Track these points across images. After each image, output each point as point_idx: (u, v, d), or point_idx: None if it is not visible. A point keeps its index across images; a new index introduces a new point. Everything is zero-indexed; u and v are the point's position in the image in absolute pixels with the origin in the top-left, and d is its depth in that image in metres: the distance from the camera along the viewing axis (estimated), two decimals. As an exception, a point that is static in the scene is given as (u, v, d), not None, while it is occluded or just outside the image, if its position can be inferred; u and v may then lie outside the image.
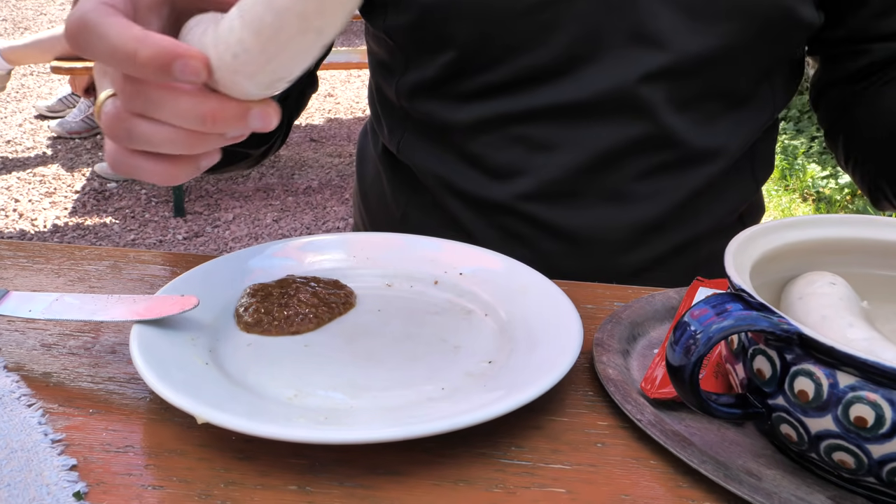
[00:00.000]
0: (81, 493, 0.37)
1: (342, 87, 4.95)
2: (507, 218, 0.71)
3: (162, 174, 0.40)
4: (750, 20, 0.64)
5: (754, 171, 0.76)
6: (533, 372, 0.43)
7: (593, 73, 0.64)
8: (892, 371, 0.34)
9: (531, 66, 0.65)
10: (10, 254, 0.62)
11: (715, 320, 0.38)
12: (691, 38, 0.63)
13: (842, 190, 3.34)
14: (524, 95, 0.66)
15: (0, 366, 0.47)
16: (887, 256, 0.49)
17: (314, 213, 3.04)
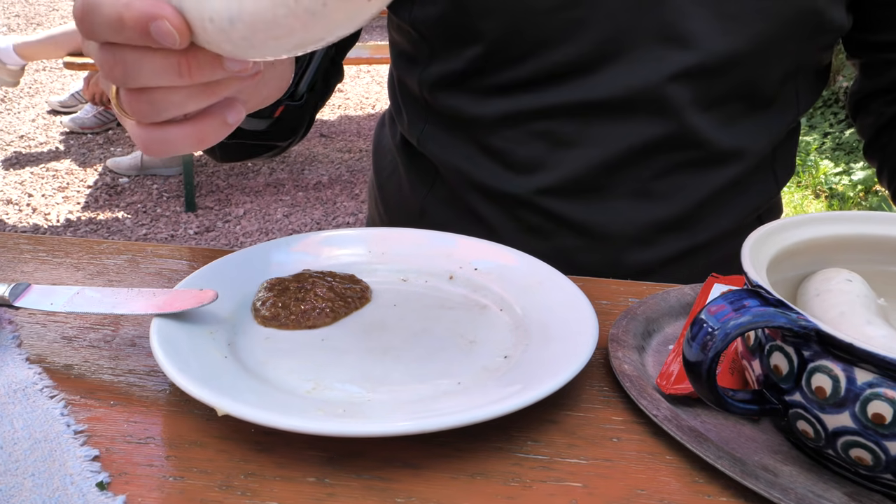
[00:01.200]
0: (104, 483, 0.38)
1: (352, 82, 4.95)
2: (526, 212, 0.71)
3: (192, 138, 0.40)
4: (781, 22, 0.63)
5: (776, 173, 0.76)
6: (549, 367, 0.44)
7: (620, 71, 0.64)
8: (911, 368, 0.35)
9: (558, 62, 0.65)
10: (30, 248, 0.63)
11: (732, 316, 0.38)
12: (721, 39, 0.63)
13: (855, 186, 3.32)
14: (550, 91, 0.66)
15: (22, 358, 0.48)
16: (905, 254, 0.49)
17: (324, 208, 3.05)
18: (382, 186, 0.85)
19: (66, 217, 2.92)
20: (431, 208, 0.77)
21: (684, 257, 0.71)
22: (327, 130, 4.02)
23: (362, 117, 4.26)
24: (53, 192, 3.13)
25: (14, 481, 0.38)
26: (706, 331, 0.38)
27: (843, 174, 3.44)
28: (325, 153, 3.67)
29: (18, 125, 3.85)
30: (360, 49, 3.68)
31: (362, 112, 4.36)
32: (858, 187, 3.31)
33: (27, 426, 0.42)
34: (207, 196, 3.12)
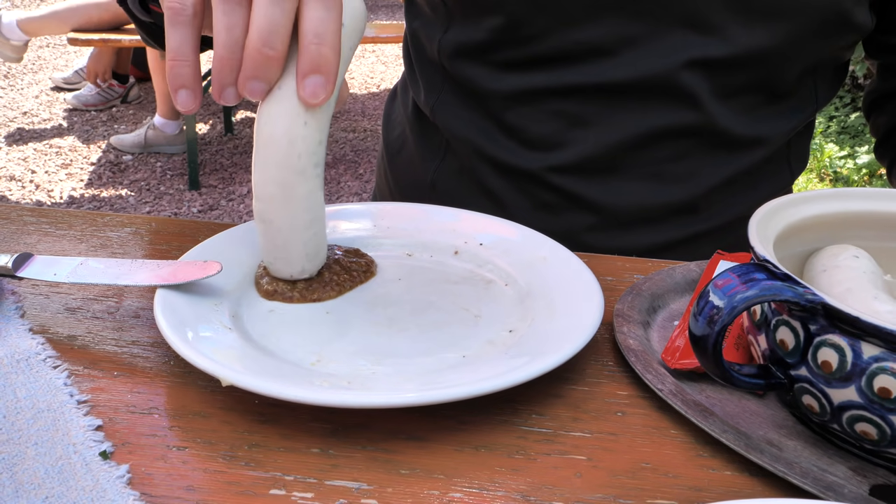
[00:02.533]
0: (107, 453, 0.38)
1: (356, 61, 4.93)
2: (537, 188, 0.71)
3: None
4: (806, 20, 0.63)
5: (790, 164, 0.75)
6: (554, 341, 0.43)
7: (641, 56, 0.64)
8: (918, 342, 0.34)
9: (579, 41, 0.65)
10: (33, 220, 0.63)
11: (740, 289, 0.38)
12: (744, 32, 0.63)
13: (859, 170, 3.30)
14: (569, 70, 0.66)
15: (25, 329, 0.47)
16: (911, 231, 0.49)
17: (328, 187, 3.04)
18: (392, 159, 0.84)
19: (70, 194, 2.92)
20: (441, 181, 0.76)
21: (692, 241, 0.71)
22: (331, 109, 4.00)
23: (367, 97, 4.24)
24: (56, 168, 3.13)
25: (17, 450, 0.38)
26: (713, 304, 0.38)
27: (848, 157, 3.42)
28: (330, 133, 3.66)
29: (22, 101, 3.84)
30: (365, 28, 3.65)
31: (367, 91, 4.34)
32: (863, 171, 3.29)
33: (30, 396, 0.41)
34: (211, 174, 3.12)
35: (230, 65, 0.42)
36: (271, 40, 0.40)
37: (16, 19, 3.21)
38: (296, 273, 0.49)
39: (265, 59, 0.41)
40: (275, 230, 0.46)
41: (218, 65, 0.42)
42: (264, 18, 0.40)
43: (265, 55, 0.41)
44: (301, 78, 0.42)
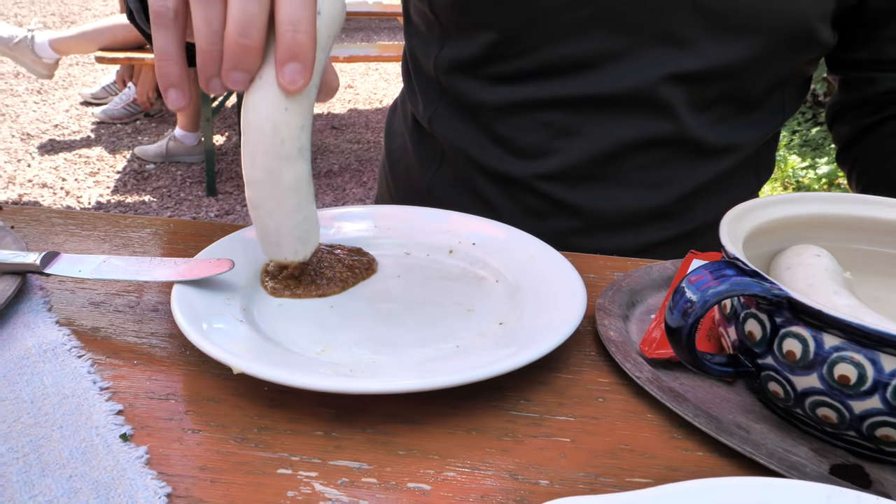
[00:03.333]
0: (127, 436, 0.37)
1: (361, 79, 4.93)
2: (526, 194, 0.70)
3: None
4: (775, 36, 0.63)
5: (757, 171, 0.75)
6: (540, 332, 0.43)
7: (621, 70, 0.64)
8: (874, 332, 0.34)
9: (565, 56, 0.64)
10: (61, 221, 0.62)
11: (712, 285, 0.37)
12: (718, 48, 0.62)
13: (819, 179, 3.31)
14: (554, 83, 0.66)
15: (52, 321, 0.47)
16: (867, 231, 0.49)
17: (334, 194, 3.04)
18: (393, 167, 0.84)
19: (97, 200, 2.91)
20: (437, 188, 0.76)
21: (668, 243, 0.71)
22: (338, 123, 4.00)
23: (370, 111, 4.24)
24: (85, 176, 3.12)
25: (43, 433, 0.37)
26: (687, 298, 0.38)
27: (809, 168, 3.43)
28: (336, 144, 3.65)
29: (53, 115, 3.83)
30: (368, 48, 3.65)
31: (370, 107, 4.33)
32: (823, 180, 3.30)
33: (56, 383, 0.41)
34: (227, 182, 3.11)
35: (212, 56, 0.41)
36: (248, 31, 0.39)
37: (48, 39, 3.19)
38: (289, 256, 0.47)
39: (243, 49, 0.40)
40: (265, 215, 0.45)
41: (201, 58, 0.41)
42: (240, 10, 0.39)
43: (243, 45, 0.40)
44: (279, 66, 0.40)
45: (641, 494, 0.29)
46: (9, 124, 3.65)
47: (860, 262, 0.49)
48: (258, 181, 0.44)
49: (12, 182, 3.01)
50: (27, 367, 0.43)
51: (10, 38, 3.17)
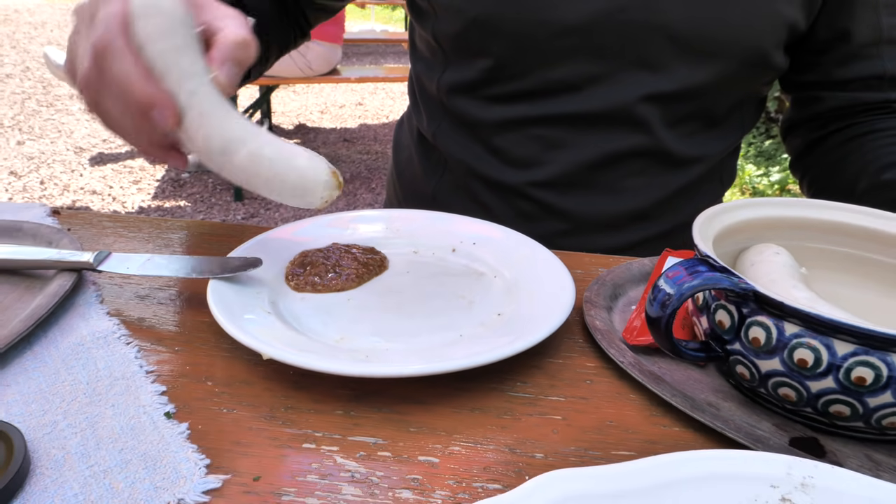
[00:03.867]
0: (170, 413, 0.37)
1: (370, 97, 4.91)
2: (520, 200, 0.70)
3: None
4: (736, 62, 0.63)
5: (722, 179, 0.75)
6: (535, 323, 0.43)
7: (603, 91, 0.63)
8: (828, 321, 0.34)
9: (553, 80, 0.64)
10: (110, 224, 0.61)
11: (687, 279, 0.37)
12: (688, 71, 0.62)
13: (772, 185, 3.31)
14: (545, 103, 0.65)
15: (103, 312, 0.47)
16: (819, 231, 0.48)
17: (346, 199, 3.03)
18: (400, 175, 0.83)
19: (139, 205, 2.90)
20: (441, 194, 0.76)
21: (645, 243, 0.71)
22: (349, 136, 3.99)
23: (378, 125, 4.23)
24: (129, 184, 3.11)
25: (97, 410, 0.37)
26: (665, 292, 0.37)
27: (763, 176, 3.43)
28: (347, 154, 3.64)
29: (102, 131, 3.81)
30: (376, 70, 3.64)
31: (378, 122, 4.32)
32: (775, 186, 3.30)
33: (108, 366, 0.41)
34: (253, 189, 3.10)
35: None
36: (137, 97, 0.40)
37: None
38: (317, 201, 0.43)
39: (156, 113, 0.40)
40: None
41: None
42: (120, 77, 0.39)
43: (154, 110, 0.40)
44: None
45: (625, 467, 0.28)
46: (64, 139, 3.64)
47: (813, 259, 0.49)
48: (210, 150, 0.42)
49: (67, 189, 3.00)
50: (83, 352, 0.42)
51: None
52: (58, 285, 0.47)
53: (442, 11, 0.65)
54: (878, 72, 0.66)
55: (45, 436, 0.35)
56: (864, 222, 0.48)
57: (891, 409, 0.35)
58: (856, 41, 0.66)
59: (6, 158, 3.31)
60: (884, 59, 0.66)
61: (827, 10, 0.65)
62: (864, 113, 0.69)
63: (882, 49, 0.66)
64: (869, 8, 0.65)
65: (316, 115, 4.45)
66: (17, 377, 0.40)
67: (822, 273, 0.49)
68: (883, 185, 0.63)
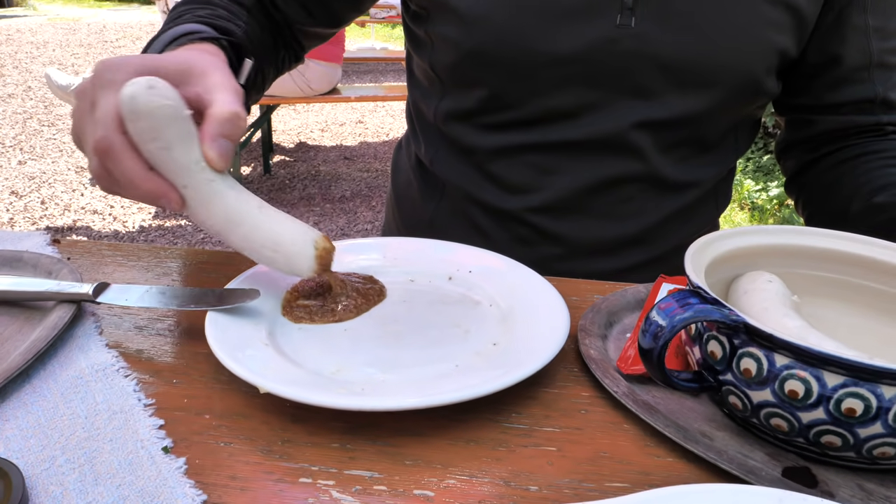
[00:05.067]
0: (168, 448, 0.37)
1: (370, 115, 4.95)
2: (516, 225, 0.70)
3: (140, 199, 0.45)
4: (727, 89, 0.64)
5: (717, 202, 0.76)
6: (529, 353, 0.43)
7: (598, 119, 0.64)
8: (818, 353, 0.34)
9: (549, 108, 0.65)
10: (110, 253, 0.62)
11: (678, 312, 0.38)
12: (680, 99, 0.63)
13: (771, 201, 3.32)
14: (540, 131, 0.66)
15: (102, 344, 0.47)
16: (812, 259, 0.49)
17: (347, 217, 3.04)
18: (399, 200, 0.84)
19: (140, 224, 2.91)
20: (438, 219, 0.76)
21: (640, 267, 0.71)
22: (350, 154, 4.01)
23: (378, 143, 4.25)
24: (130, 203, 3.12)
25: (96, 445, 0.37)
26: (657, 324, 0.38)
27: (762, 191, 3.44)
28: (348, 172, 3.66)
29: (102, 150, 3.84)
30: (376, 89, 3.67)
31: (378, 139, 4.35)
32: (774, 201, 3.31)
33: (106, 400, 0.41)
34: (254, 207, 3.10)
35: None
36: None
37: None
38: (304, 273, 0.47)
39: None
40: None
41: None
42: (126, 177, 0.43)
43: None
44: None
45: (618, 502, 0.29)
46: (65, 159, 3.67)
47: (806, 286, 0.49)
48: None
49: (68, 209, 3.02)
50: (81, 385, 0.43)
51: (68, 86, 3.18)
52: (57, 317, 0.47)
53: (439, 42, 0.66)
54: (870, 95, 0.67)
55: (44, 472, 0.35)
56: (856, 249, 0.48)
57: (881, 439, 0.35)
58: (846, 65, 0.67)
59: (7, 178, 3.33)
60: (875, 82, 0.67)
61: (817, 36, 0.66)
62: (857, 135, 0.70)
63: (873, 73, 0.67)
64: (859, 33, 0.66)
65: (316, 133, 4.48)
66: (15, 411, 0.40)
67: (815, 299, 0.49)
68: (876, 207, 0.63)
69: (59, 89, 3.21)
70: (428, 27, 0.67)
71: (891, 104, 0.68)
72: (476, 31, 0.62)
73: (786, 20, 0.63)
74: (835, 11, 0.65)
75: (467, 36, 0.63)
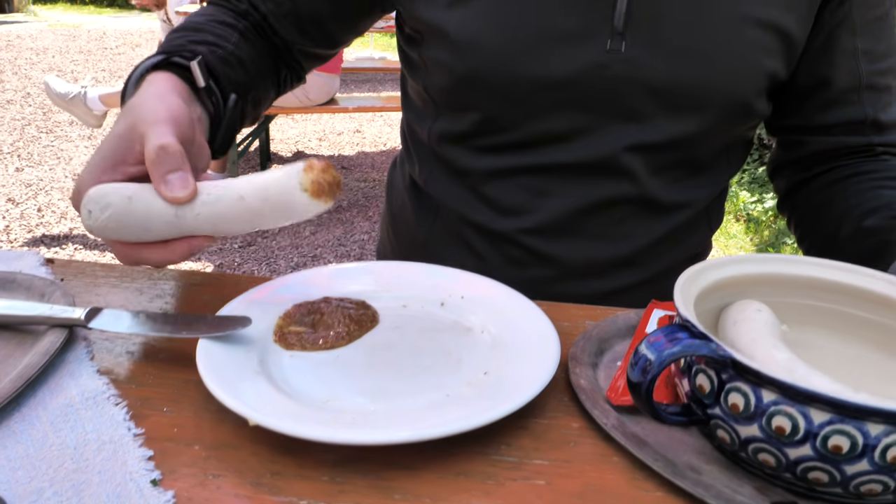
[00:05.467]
0: (157, 480, 0.37)
1: (368, 125, 4.95)
2: (509, 247, 0.71)
3: (163, 259, 0.48)
4: (718, 112, 0.64)
5: (710, 222, 0.76)
6: (520, 382, 0.43)
7: (590, 142, 0.65)
8: (804, 390, 0.35)
9: (542, 131, 0.65)
10: (103, 274, 0.62)
11: (667, 346, 0.38)
12: (671, 123, 0.64)
13: (767, 212, 3.33)
14: (532, 154, 0.66)
15: (94, 370, 0.47)
16: (801, 287, 0.49)
17: (343, 227, 3.04)
18: (394, 218, 0.84)
19: (137, 233, 2.91)
20: (433, 240, 0.76)
21: (633, 288, 0.71)
22: (347, 164, 4.01)
23: (376, 153, 4.25)
24: (127, 212, 3.12)
25: (84, 478, 0.37)
26: (646, 358, 0.38)
27: (758, 202, 3.45)
28: (344, 182, 3.65)
29: (100, 158, 3.84)
30: (374, 99, 3.68)
31: (376, 149, 4.35)
32: (770, 213, 3.32)
33: (96, 429, 0.41)
34: (251, 217, 3.10)
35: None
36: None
37: (98, 94, 3.21)
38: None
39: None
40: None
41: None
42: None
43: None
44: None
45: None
46: (63, 166, 3.66)
47: (796, 314, 0.49)
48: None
49: (64, 217, 3.01)
50: (71, 414, 0.43)
51: (66, 94, 3.19)
52: (48, 342, 0.47)
53: (432, 66, 0.67)
54: (860, 117, 0.68)
55: (32, 505, 0.35)
56: (844, 278, 0.49)
57: (868, 476, 0.35)
58: (836, 88, 0.67)
59: (4, 185, 3.32)
60: (864, 104, 0.68)
61: (807, 59, 0.67)
62: (848, 156, 0.70)
63: (863, 94, 0.67)
64: (848, 55, 0.66)
65: (314, 142, 4.49)
66: (4, 440, 0.40)
67: (805, 328, 0.49)
68: (865, 231, 0.64)
69: (57, 97, 3.21)
70: (422, 50, 0.68)
71: (881, 125, 0.68)
72: (468, 56, 0.63)
73: (775, 44, 0.63)
74: (824, 33, 0.66)
75: (460, 60, 0.63)
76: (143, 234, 0.47)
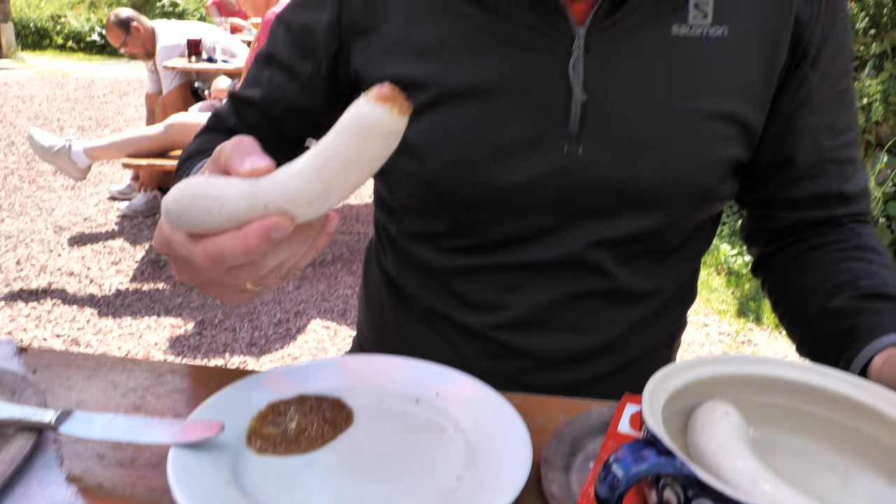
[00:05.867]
0: None
1: (354, 176, 4.99)
2: (483, 341, 0.71)
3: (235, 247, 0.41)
4: (681, 203, 0.65)
5: (683, 301, 0.76)
6: (492, 491, 0.43)
7: (554, 241, 0.66)
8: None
9: (503, 235, 0.66)
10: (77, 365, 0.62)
11: (633, 465, 0.39)
12: (632, 219, 0.65)
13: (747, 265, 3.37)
14: (499, 254, 0.68)
15: (62, 478, 0.47)
16: (768, 387, 0.50)
17: (327, 281, 3.03)
18: (369, 299, 0.84)
19: (117, 287, 2.88)
20: (407, 329, 0.77)
21: (609, 375, 0.72)
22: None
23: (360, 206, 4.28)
24: (108, 265, 3.10)
25: None
26: (614, 475, 0.39)
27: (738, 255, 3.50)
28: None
29: (84, 209, 3.82)
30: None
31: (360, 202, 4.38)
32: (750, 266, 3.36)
33: (61, 547, 0.40)
34: (234, 270, 3.09)
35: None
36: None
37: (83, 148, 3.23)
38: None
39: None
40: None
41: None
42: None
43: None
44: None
45: None
46: (45, 217, 3.65)
47: (762, 414, 0.50)
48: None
49: (44, 270, 2.98)
50: (36, 528, 0.42)
51: (51, 148, 3.20)
52: (17, 449, 0.47)
53: (396, 172, 0.68)
54: (824, 190, 0.69)
55: None
56: (811, 379, 0.50)
57: None
58: (799, 165, 0.68)
59: (-17, 238, 3.30)
60: (829, 178, 0.69)
61: (768, 141, 0.68)
62: (814, 227, 0.71)
63: (826, 168, 0.68)
64: (810, 133, 0.67)
65: (299, 193, 4.51)
66: (-33, 561, 0.39)
67: (771, 429, 0.50)
68: (833, 312, 0.65)
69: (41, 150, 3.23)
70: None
71: (846, 197, 0.70)
72: (429, 164, 0.64)
73: (732, 132, 0.64)
74: (783, 117, 0.67)
75: (420, 168, 0.65)
76: (217, 210, 0.41)
